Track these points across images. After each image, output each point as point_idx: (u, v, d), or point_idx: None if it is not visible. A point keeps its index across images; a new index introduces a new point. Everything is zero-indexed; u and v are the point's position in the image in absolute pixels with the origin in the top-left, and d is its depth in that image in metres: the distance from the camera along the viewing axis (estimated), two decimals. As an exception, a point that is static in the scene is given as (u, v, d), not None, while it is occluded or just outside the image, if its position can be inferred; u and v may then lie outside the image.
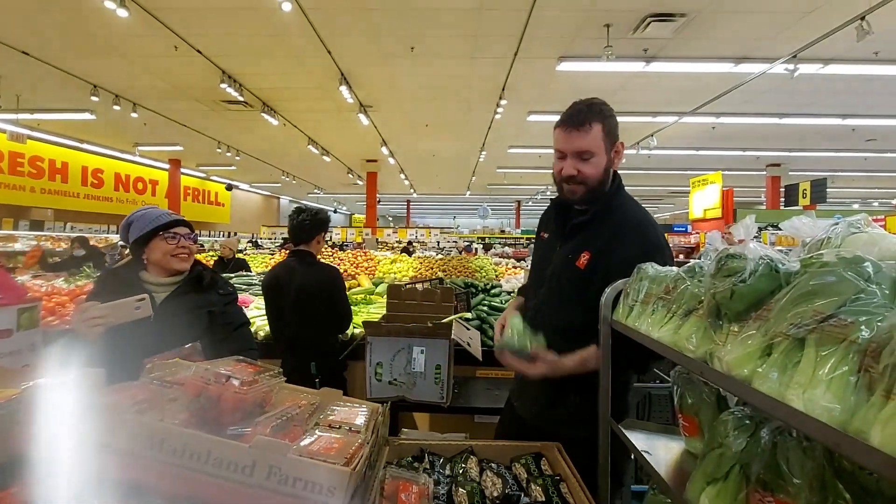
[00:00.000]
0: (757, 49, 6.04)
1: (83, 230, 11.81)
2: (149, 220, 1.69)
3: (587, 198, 1.42)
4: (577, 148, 1.36)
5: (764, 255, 0.78)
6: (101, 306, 1.39)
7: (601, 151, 1.37)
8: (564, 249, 1.48)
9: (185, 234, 1.72)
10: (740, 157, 12.40)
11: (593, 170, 1.37)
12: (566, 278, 1.45)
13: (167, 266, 1.68)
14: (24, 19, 5.51)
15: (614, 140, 1.41)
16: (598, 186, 1.40)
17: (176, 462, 0.73)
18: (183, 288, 1.70)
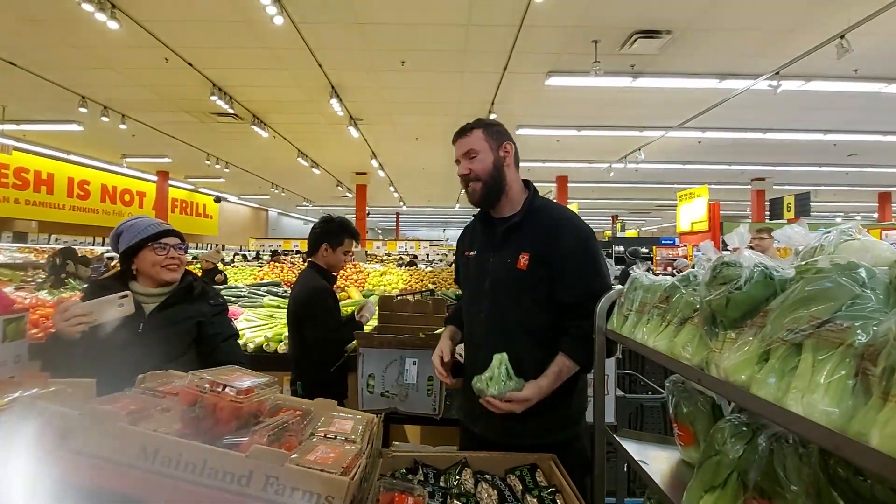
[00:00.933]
0: (741, 66, 6.21)
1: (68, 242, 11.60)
2: (138, 230, 1.66)
3: (486, 195, 1.52)
4: (463, 150, 1.53)
5: (759, 262, 0.80)
6: (83, 304, 1.38)
7: (485, 150, 1.51)
8: (500, 257, 1.51)
9: (176, 245, 1.69)
10: (726, 170, 12.64)
11: (481, 165, 1.50)
12: (510, 282, 1.48)
13: (156, 276, 1.65)
14: (12, 30, 5.46)
15: (500, 141, 1.54)
16: (492, 182, 1.51)
17: (170, 473, 0.71)
18: (172, 299, 1.67)
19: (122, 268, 1.69)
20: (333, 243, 2.45)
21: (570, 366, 1.40)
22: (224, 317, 1.81)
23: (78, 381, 1.04)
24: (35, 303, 3.43)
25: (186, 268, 1.80)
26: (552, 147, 10.56)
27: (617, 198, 18.80)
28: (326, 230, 2.46)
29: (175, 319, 1.63)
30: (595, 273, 1.46)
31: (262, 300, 3.98)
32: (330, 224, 2.48)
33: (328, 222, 2.50)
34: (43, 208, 12.22)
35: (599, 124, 8.86)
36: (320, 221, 2.52)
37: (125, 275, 1.68)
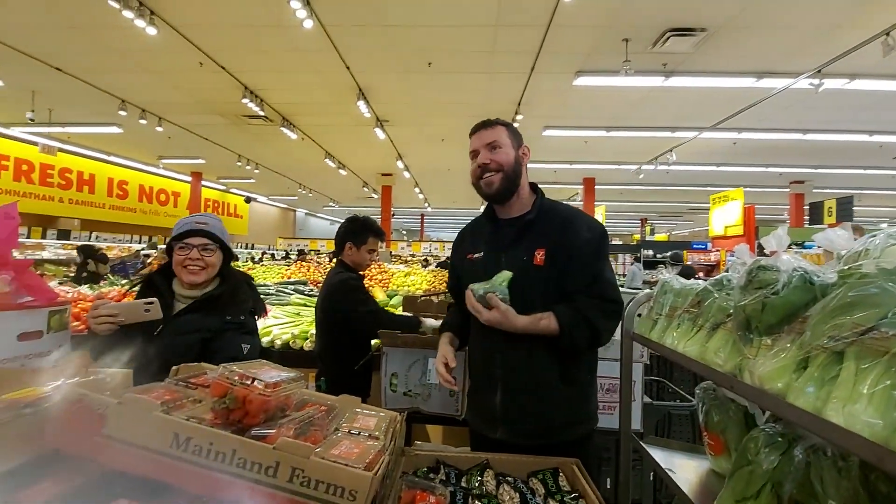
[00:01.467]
0: (780, 64, 5.98)
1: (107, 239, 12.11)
2: (176, 227, 1.67)
3: (504, 187, 1.52)
4: (486, 140, 1.53)
5: (798, 266, 0.77)
6: (112, 305, 1.43)
7: (508, 146, 1.53)
8: (514, 255, 1.50)
9: (201, 245, 1.62)
10: (763, 173, 12.20)
11: (504, 157, 1.51)
12: (527, 279, 1.46)
13: (180, 277, 1.64)
14: (59, 37, 5.74)
15: (520, 142, 1.58)
16: (512, 175, 1.52)
17: (200, 461, 0.74)
18: (194, 305, 1.62)
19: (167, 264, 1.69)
20: (357, 242, 2.51)
21: (552, 325, 1.38)
22: (236, 334, 1.64)
23: (116, 371, 1.08)
24: (77, 296, 3.58)
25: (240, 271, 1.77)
26: (580, 148, 10.42)
27: (646, 201, 18.38)
28: (351, 229, 2.51)
29: (183, 330, 1.56)
30: (601, 261, 1.49)
31: (289, 298, 4.06)
32: (354, 223, 2.53)
33: (353, 222, 2.54)
34: (85, 207, 12.79)
35: (629, 125, 8.69)
36: (345, 221, 2.57)
37: (168, 272, 1.68)
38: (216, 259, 1.66)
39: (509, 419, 1.48)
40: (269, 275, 6.72)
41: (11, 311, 1.32)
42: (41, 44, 5.97)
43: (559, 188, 15.40)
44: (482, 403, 1.56)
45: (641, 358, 2.05)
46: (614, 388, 2.02)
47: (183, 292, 1.64)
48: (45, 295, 1.46)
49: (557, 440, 1.42)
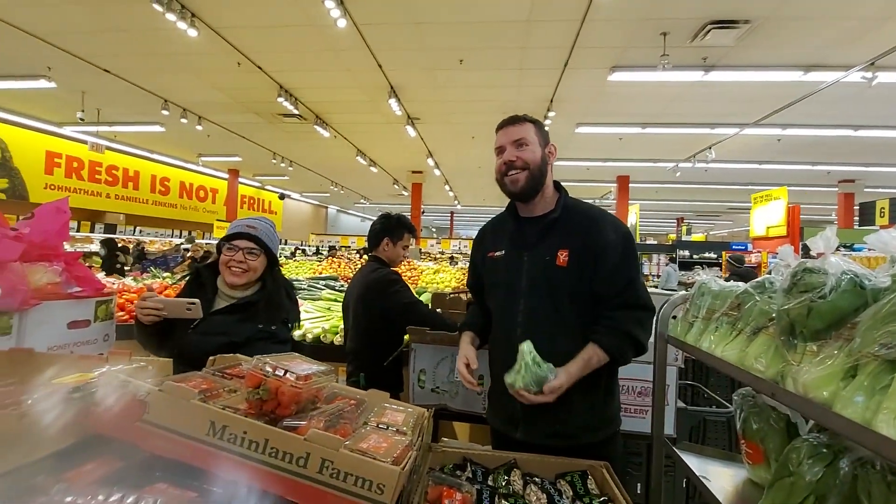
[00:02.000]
0: (829, 56, 5.68)
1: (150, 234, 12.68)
2: (229, 228, 1.75)
3: (529, 186, 1.49)
4: (513, 137, 1.50)
5: (847, 269, 0.73)
6: (158, 299, 1.52)
7: (535, 143, 1.50)
8: (537, 254, 1.47)
9: (246, 249, 1.67)
10: (809, 171, 11.64)
11: (531, 155, 1.48)
12: (549, 280, 1.44)
13: (224, 276, 1.71)
14: (107, 40, 6.03)
15: (547, 140, 1.55)
16: (538, 174, 1.49)
17: (234, 449, 0.76)
18: (231, 308, 1.66)
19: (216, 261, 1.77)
20: (394, 238, 2.55)
21: (601, 355, 1.36)
22: (267, 343, 1.64)
23: (157, 360, 1.13)
24: (122, 287, 3.76)
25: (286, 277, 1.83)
26: (613, 145, 10.19)
27: (683, 199, 17.82)
28: (387, 226, 2.56)
29: (213, 331, 1.60)
30: (633, 265, 1.45)
31: (320, 293, 4.14)
32: (390, 220, 2.58)
33: (388, 218, 2.59)
34: (129, 202, 13.44)
35: (666, 121, 8.44)
36: (380, 218, 2.61)
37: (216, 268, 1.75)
38: (259, 263, 1.71)
39: (529, 420, 1.46)
40: (301, 270, 6.88)
41: (62, 301, 1.40)
42: (91, 47, 6.29)
43: (592, 186, 15.12)
44: (503, 404, 1.54)
45: (676, 361, 1.99)
46: (646, 392, 1.97)
47: (226, 291, 1.71)
48: (92, 285, 1.54)
49: (578, 442, 1.40)
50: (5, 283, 1.21)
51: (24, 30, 5.78)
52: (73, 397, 0.81)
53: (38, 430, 0.73)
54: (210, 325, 1.62)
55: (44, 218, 1.45)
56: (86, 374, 0.96)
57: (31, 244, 1.37)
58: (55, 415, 0.76)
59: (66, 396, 0.80)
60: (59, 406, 0.77)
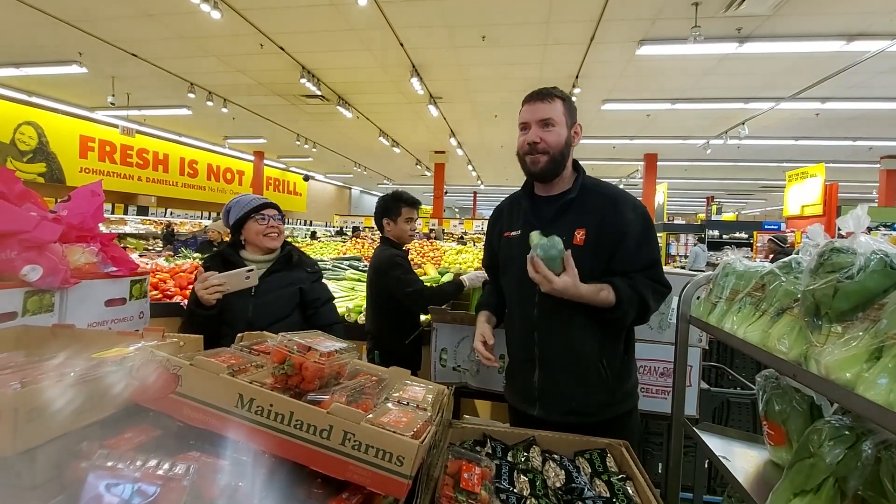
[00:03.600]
0: (874, 24, 5.33)
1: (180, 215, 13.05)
2: (243, 204, 1.89)
3: (549, 169, 1.45)
4: (540, 116, 1.43)
5: (878, 249, 0.70)
6: (219, 275, 1.62)
7: (562, 124, 1.44)
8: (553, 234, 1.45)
9: (274, 216, 1.89)
10: (849, 147, 11.07)
11: (555, 138, 1.43)
12: None
13: (261, 244, 1.87)
14: (135, 25, 6.14)
15: (574, 120, 1.48)
16: (559, 158, 1.44)
17: (261, 421, 0.80)
18: (276, 266, 1.87)
19: (233, 238, 1.94)
20: (392, 215, 2.53)
21: (610, 295, 1.35)
22: (321, 283, 2.00)
23: (188, 336, 1.18)
24: (155, 268, 3.90)
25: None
26: (641, 122, 9.90)
27: (713, 178, 17.23)
28: (383, 206, 2.56)
29: (281, 284, 1.84)
30: (654, 246, 1.45)
31: (344, 273, 4.21)
32: (385, 199, 2.57)
33: (383, 199, 2.58)
34: (160, 185, 13.81)
35: (697, 97, 8.12)
36: (378, 200, 2.60)
37: (236, 245, 1.92)
38: (283, 227, 1.93)
39: (547, 397, 1.48)
40: (326, 250, 7.00)
41: (99, 280, 1.47)
42: (120, 32, 6.41)
43: (618, 164, 14.77)
44: (520, 381, 1.56)
45: (700, 342, 1.96)
46: (668, 373, 1.96)
47: (257, 258, 1.87)
48: (127, 265, 1.61)
49: (595, 419, 1.42)
50: (47, 262, 1.28)
51: (54, 16, 5.92)
52: (112, 371, 0.86)
53: (83, 400, 0.78)
54: (275, 283, 1.82)
55: (80, 200, 1.52)
56: (124, 349, 1.02)
57: (69, 226, 1.43)
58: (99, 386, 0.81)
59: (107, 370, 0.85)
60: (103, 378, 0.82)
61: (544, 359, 1.46)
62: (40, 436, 0.71)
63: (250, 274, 1.65)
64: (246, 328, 1.31)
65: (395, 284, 2.37)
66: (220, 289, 1.60)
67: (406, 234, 2.58)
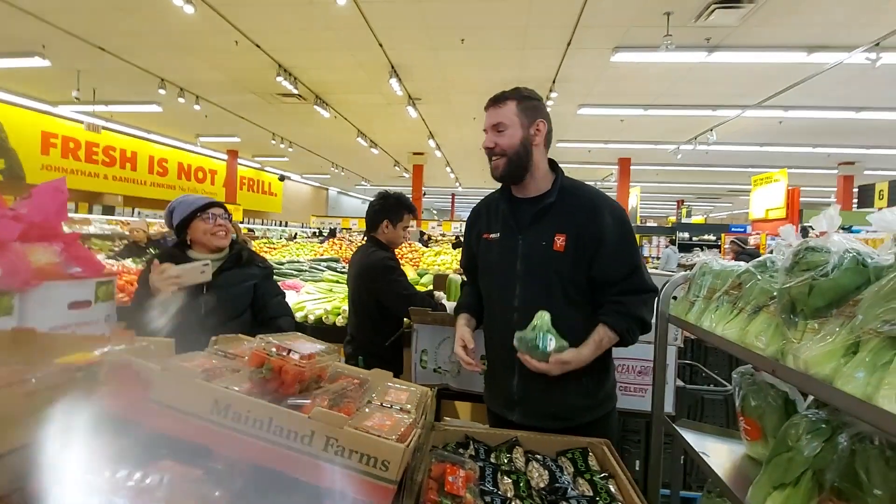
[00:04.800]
0: (834, 36, 5.58)
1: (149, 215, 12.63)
2: (188, 203, 1.86)
3: (509, 171, 1.46)
4: (493, 121, 1.46)
5: (850, 247, 0.73)
6: (176, 268, 1.58)
7: (515, 125, 1.43)
8: (533, 238, 1.45)
9: (221, 215, 1.88)
10: (809, 153, 11.55)
11: (507, 140, 1.44)
12: (546, 265, 1.43)
13: (208, 243, 1.84)
14: (103, 17, 5.90)
15: (533, 118, 1.46)
16: (516, 159, 1.44)
17: (239, 427, 0.77)
18: (227, 264, 1.86)
19: (179, 239, 1.90)
20: (394, 219, 2.44)
21: (611, 336, 1.37)
22: (271, 279, 1.99)
23: (160, 340, 1.13)
24: (121, 269, 3.77)
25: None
26: (615, 127, 10.10)
27: (684, 182, 17.71)
28: (386, 206, 2.45)
29: (232, 282, 1.82)
30: (633, 249, 1.45)
31: (321, 274, 4.15)
32: (388, 200, 2.47)
33: (387, 198, 2.48)
34: (128, 184, 13.32)
35: (668, 103, 8.35)
36: (379, 198, 2.50)
37: (182, 245, 1.89)
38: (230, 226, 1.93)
39: (526, 402, 1.47)
40: (302, 251, 6.88)
41: (62, 281, 1.40)
42: (86, 24, 6.15)
43: (593, 168, 15.02)
44: (499, 386, 1.55)
45: (675, 341, 2.01)
46: (646, 371, 1.99)
47: (206, 257, 1.84)
48: (93, 266, 1.53)
49: (574, 423, 1.42)
50: (5, 262, 1.20)
51: (15, 5, 5.64)
52: (77, 376, 0.81)
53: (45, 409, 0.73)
54: (229, 279, 1.81)
55: (42, 198, 1.44)
56: (89, 354, 0.97)
57: (30, 224, 1.36)
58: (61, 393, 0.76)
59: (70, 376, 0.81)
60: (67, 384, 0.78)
61: (523, 364, 1.43)
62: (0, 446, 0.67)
63: (206, 268, 1.64)
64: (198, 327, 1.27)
65: (388, 286, 2.31)
66: (176, 281, 1.58)
67: (400, 240, 2.53)
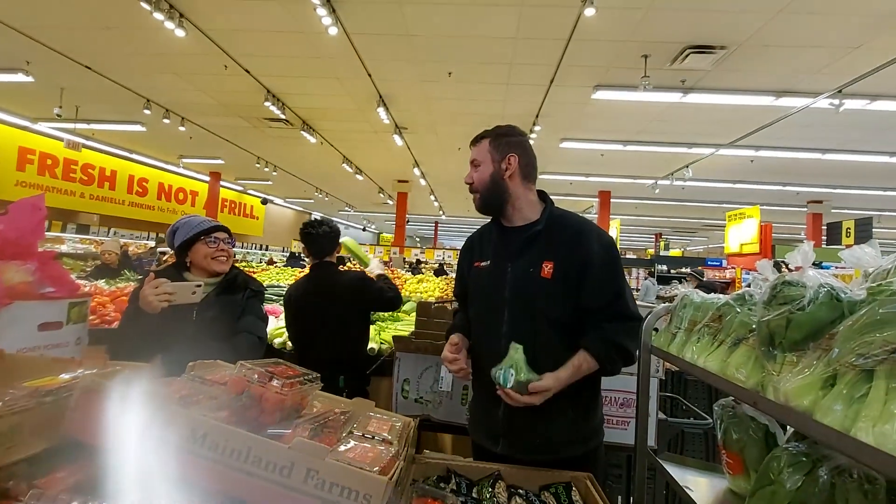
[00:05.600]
0: (799, 83, 5.92)
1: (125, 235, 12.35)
2: (193, 225, 1.83)
3: (484, 204, 1.55)
4: (471, 159, 1.58)
5: (825, 282, 0.75)
6: (170, 284, 1.55)
7: (487, 161, 1.53)
8: (521, 266, 1.47)
9: (224, 239, 1.86)
10: (780, 191, 12.04)
11: (480, 176, 1.54)
12: (533, 292, 1.44)
13: (208, 267, 1.80)
14: (92, 36, 5.90)
15: (504, 153, 1.53)
16: (488, 193, 1.53)
17: (216, 458, 0.74)
18: (220, 289, 1.82)
19: (178, 260, 1.85)
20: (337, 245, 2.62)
21: (591, 361, 1.37)
22: (257, 299, 1.93)
23: (133, 364, 1.10)
24: (94, 290, 3.65)
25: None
26: (596, 161, 10.39)
27: (661, 215, 18.22)
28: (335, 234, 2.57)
29: (223, 307, 1.78)
30: (619, 276, 1.47)
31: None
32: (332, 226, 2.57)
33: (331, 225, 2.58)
34: (105, 203, 13.05)
35: (646, 139, 8.65)
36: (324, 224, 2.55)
37: (180, 266, 1.84)
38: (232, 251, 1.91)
39: (512, 434, 1.45)
40: (282, 276, 6.78)
41: (33, 301, 1.35)
42: (74, 43, 6.14)
43: (575, 200, 15.34)
44: (485, 417, 1.53)
45: (657, 373, 2.02)
46: (629, 403, 2.00)
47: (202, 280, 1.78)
48: (67, 287, 1.49)
49: (560, 456, 1.39)
50: (-24, 281, 1.16)
51: (2, 21, 5.62)
52: (46, 401, 0.78)
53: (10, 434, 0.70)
54: (216, 305, 1.76)
55: (18, 214, 1.40)
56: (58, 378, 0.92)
57: (4, 241, 1.32)
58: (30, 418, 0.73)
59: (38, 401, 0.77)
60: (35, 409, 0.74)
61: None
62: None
63: (197, 290, 1.61)
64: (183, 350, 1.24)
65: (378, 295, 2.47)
66: (169, 297, 1.54)
67: None
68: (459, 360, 1.48)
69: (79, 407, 0.80)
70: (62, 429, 0.79)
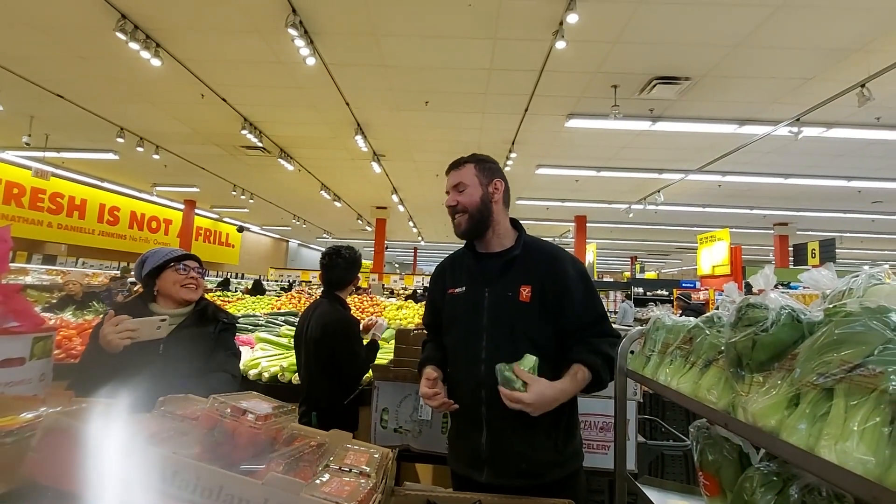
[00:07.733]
0: (760, 112, 6.25)
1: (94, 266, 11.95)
2: (162, 254, 1.80)
3: (472, 228, 1.54)
4: (454, 182, 1.56)
5: (785, 304, 0.79)
6: (132, 321, 1.48)
7: (474, 185, 1.54)
8: (499, 290, 1.48)
9: (195, 267, 1.82)
10: (747, 214, 12.50)
11: (468, 198, 1.53)
12: (512, 316, 1.44)
13: (176, 296, 1.75)
14: (64, 65, 5.84)
15: (490, 177, 1.56)
16: (478, 215, 1.53)
17: (187, 497, 0.71)
18: (188, 321, 1.76)
19: (146, 290, 1.80)
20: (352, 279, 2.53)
21: (585, 372, 1.36)
22: (229, 333, 1.86)
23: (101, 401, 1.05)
24: (60, 323, 3.50)
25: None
26: (571, 187, 10.64)
27: (636, 239, 18.67)
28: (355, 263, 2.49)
29: (191, 339, 1.71)
30: (596, 298, 1.50)
31: (279, 329, 4.00)
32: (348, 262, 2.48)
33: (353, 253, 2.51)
34: (73, 232, 12.68)
35: (618, 165, 8.93)
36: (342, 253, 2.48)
37: (147, 297, 1.78)
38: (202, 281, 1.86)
39: (496, 460, 1.42)
40: (258, 305, 6.64)
41: (-5, 337, 1.29)
42: (45, 71, 6.06)
43: (552, 225, 15.60)
44: (466, 444, 1.49)
45: (635, 396, 2.03)
46: (608, 427, 2.00)
47: (170, 311, 1.74)
48: (31, 321, 1.43)
49: (544, 480, 1.39)
50: (-68, 317, 1.11)
51: (-30, 51, 5.53)
52: (6, 442, 0.74)
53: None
54: (185, 337, 1.68)
55: (-18, 247, 1.36)
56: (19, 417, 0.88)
57: (-35, 275, 1.27)
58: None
59: None
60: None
61: (493, 418, 1.41)
62: None
63: (162, 324, 1.55)
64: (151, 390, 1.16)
65: (349, 348, 2.32)
66: (132, 335, 1.47)
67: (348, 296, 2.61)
68: (440, 393, 1.45)
69: (41, 448, 0.77)
70: (23, 471, 0.76)
